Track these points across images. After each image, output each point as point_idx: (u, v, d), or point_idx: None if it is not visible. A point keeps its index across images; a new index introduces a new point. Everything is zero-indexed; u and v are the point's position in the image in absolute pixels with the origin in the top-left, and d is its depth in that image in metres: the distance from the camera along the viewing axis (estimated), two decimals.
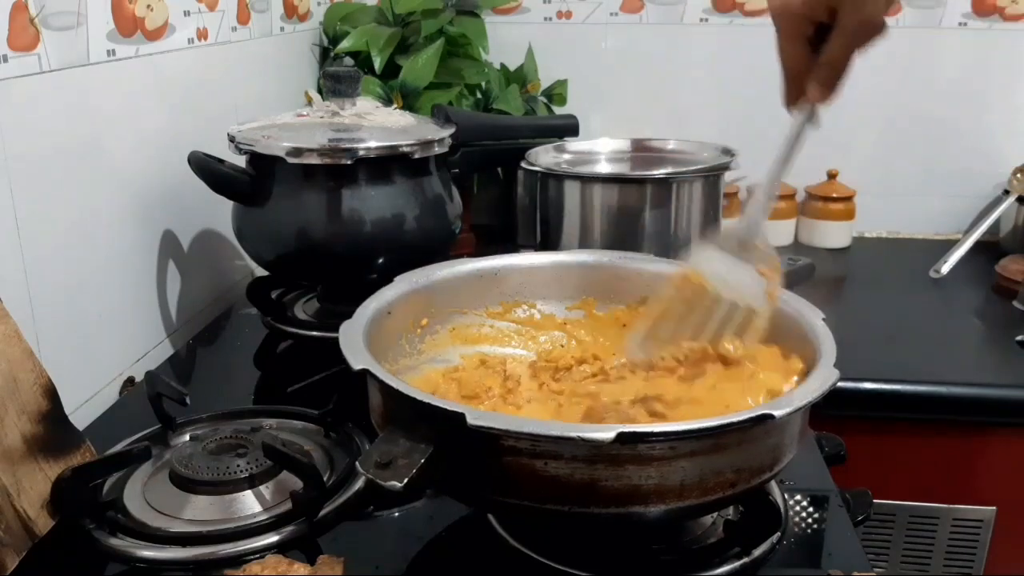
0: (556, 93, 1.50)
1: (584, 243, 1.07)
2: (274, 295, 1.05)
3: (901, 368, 1.04)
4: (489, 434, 0.51)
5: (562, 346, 0.77)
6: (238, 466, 0.67)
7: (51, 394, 0.65)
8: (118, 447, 0.72)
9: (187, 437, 0.76)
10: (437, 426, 0.51)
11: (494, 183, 1.42)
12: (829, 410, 0.62)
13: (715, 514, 0.64)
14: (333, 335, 0.61)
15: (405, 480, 0.48)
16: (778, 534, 0.63)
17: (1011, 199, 1.44)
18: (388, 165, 0.94)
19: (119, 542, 0.62)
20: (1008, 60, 1.46)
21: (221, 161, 0.93)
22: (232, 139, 0.94)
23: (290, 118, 1.00)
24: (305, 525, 0.64)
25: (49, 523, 0.62)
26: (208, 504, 0.66)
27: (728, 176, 1.11)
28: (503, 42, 1.48)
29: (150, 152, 0.95)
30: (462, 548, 0.65)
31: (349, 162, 0.91)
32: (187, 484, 0.67)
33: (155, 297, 0.98)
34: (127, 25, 0.89)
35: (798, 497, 0.69)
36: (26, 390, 0.63)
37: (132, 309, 0.94)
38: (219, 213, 1.02)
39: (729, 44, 1.49)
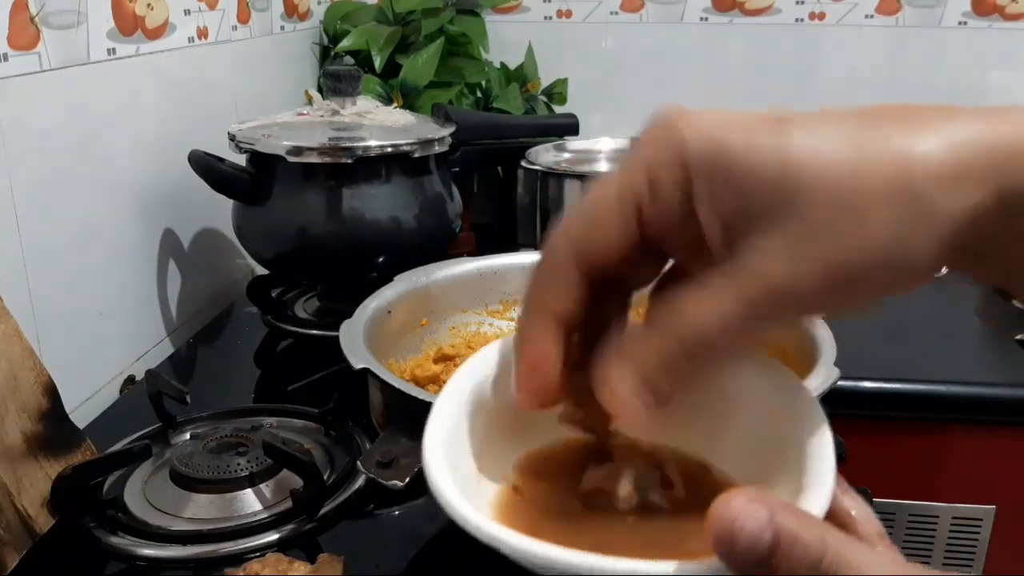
0: (556, 92, 1.50)
1: None
2: (274, 294, 1.04)
3: (901, 368, 1.04)
4: None
5: None
6: (238, 464, 0.67)
7: (51, 392, 0.65)
8: (118, 445, 0.72)
9: (187, 435, 0.76)
10: None
11: (494, 182, 1.42)
12: (829, 410, 0.62)
13: None
14: (333, 334, 0.61)
15: (407, 479, 0.48)
16: None
17: None
18: (388, 164, 0.94)
19: (119, 540, 0.62)
20: (1008, 60, 1.46)
21: (221, 160, 0.93)
22: (232, 138, 0.94)
23: (290, 117, 1.00)
24: (305, 523, 0.64)
25: (49, 521, 0.62)
26: (208, 502, 0.66)
27: None
28: (503, 41, 1.48)
29: (150, 151, 0.95)
30: (462, 547, 0.65)
31: (349, 161, 0.91)
32: (187, 482, 0.67)
33: (155, 296, 0.98)
34: (127, 24, 0.89)
35: None
36: (26, 388, 0.63)
37: (132, 307, 0.94)
38: (219, 212, 1.02)
39: (729, 43, 1.49)
